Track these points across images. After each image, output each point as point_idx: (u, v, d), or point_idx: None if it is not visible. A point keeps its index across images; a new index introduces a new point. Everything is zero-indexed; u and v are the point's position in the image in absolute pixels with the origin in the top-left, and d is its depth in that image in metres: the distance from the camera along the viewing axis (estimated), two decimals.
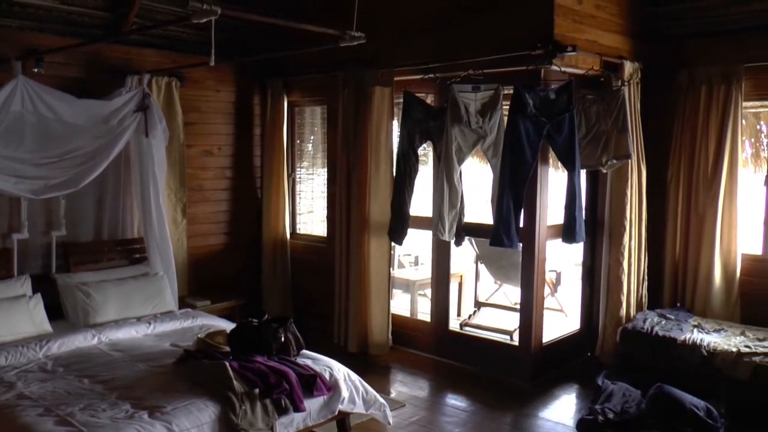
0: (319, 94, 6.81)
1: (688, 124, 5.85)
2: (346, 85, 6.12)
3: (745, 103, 5.73)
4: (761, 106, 5.98)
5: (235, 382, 3.77)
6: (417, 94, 5.74)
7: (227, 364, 3.91)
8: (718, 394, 4.71)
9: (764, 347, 4.87)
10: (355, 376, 4.36)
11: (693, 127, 5.82)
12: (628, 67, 5.49)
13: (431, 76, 5.54)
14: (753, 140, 6.36)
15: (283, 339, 4.35)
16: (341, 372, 4.29)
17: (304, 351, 4.48)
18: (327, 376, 4.18)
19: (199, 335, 4.70)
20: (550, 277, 7.01)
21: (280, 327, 4.39)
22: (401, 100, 5.72)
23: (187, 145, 6.39)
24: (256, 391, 3.78)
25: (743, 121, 5.80)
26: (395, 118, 6.10)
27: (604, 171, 5.60)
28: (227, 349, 4.34)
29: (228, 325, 4.99)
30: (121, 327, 4.99)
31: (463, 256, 7.25)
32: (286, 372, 3.97)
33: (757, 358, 4.73)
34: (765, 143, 6.12)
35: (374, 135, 5.98)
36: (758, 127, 6.28)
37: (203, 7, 3.47)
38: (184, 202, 6.35)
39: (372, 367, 5.89)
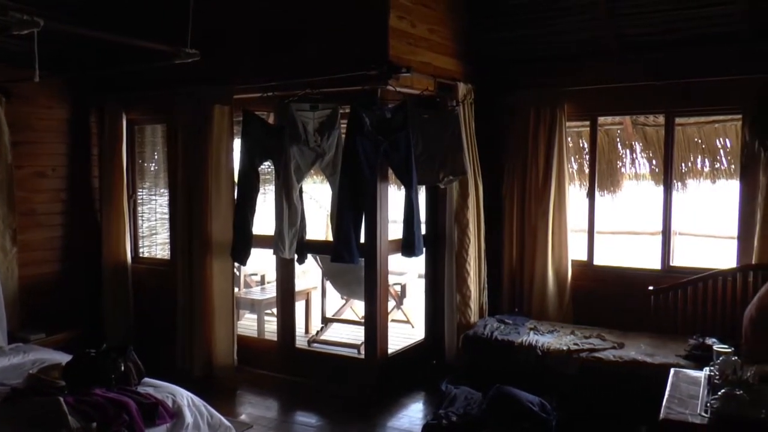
0: (159, 112, 6.62)
1: (519, 142, 6.26)
2: (186, 103, 5.99)
3: (568, 123, 6.22)
4: (582, 126, 6.50)
5: (69, 418, 3.57)
6: (257, 113, 5.72)
7: (61, 399, 3.70)
8: (552, 389, 5.04)
9: (590, 344, 5.28)
10: (199, 401, 4.25)
11: (524, 146, 6.24)
12: (462, 88, 5.76)
13: (270, 94, 5.53)
14: (577, 157, 6.89)
15: (123, 368, 4.18)
16: (185, 398, 4.18)
17: (146, 379, 4.32)
18: (170, 403, 4.05)
19: (31, 371, 4.39)
20: (395, 289, 7.19)
21: (119, 356, 4.22)
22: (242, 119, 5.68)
23: (16, 166, 5.97)
24: (94, 425, 3.61)
25: (568, 139, 6.27)
26: (236, 137, 6.03)
27: (442, 187, 5.84)
28: (62, 383, 4.10)
29: (64, 358, 4.69)
30: None
31: (311, 273, 7.29)
32: (125, 402, 3.82)
33: (584, 354, 5.14)
34: (587, 159, 6.63)
35: (215, 154, 5.88)
36: (581, 144, 6.81)
37: (23, 18, 3.26)
38: (13, 228, 5.92)
39: (218, 390, 5.76)
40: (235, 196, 5.76)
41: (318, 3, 5.43)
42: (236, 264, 6.16)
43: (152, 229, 7.07)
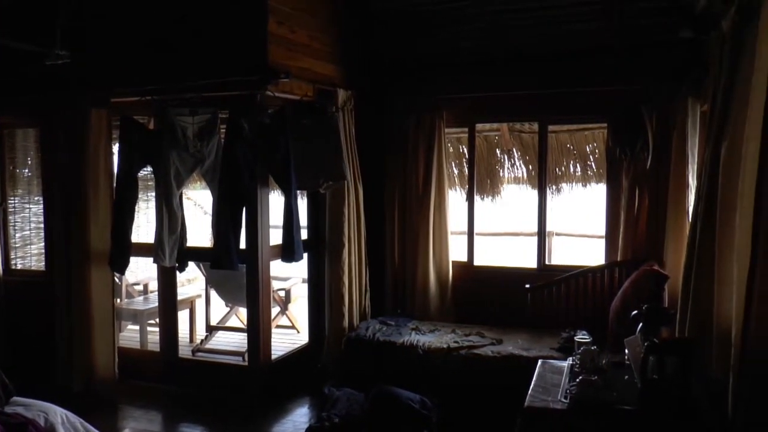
0: (33, 115, 6.32)
1: (400, 147, 6.43)
2: (61, 106, 5.77)
3: (448, 129, 6.43)
4: (461, 132, 6.73)
5: None
6: (136, 118, 5.60)
7: None
8: (434, 387, 5.16)
9: (470, 341, 5.47)
10: (74, 418, 4.09)
11: (404, 151, 6.41)
12: (342, 94, 5.84)
13: (149, 98, 5.42)
14: (458, 162, 7.13)
15: None
16: (58, 415, 4.00)
17: (16, 398, 4.10)
18: (41, 421, 3.86)
19: None
20: (279, 294, 7.18)
21: None
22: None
23: None
24: None
25: (448, 145, 6.48)
26: (115, 142, 5.87)
27: (322, 192, 5.89)
28: None
29: None
30: None
31: (198, 280, 7.16)
32: None
33: (463, 352, 5.33)
34: (467, 164, 6.87)
35: (93, 159, 5.68)
36: (461, 150, 7.05)
37: None
38: None
39: (99, 404, 5.57)
40: (113, 204, 5.60)
41: (197, 7, 5.35)
42: (116, 274, 5.97)
43: (26, 240, 6.74)
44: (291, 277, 7.68)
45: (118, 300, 7.13)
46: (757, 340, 2.69)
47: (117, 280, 6.67)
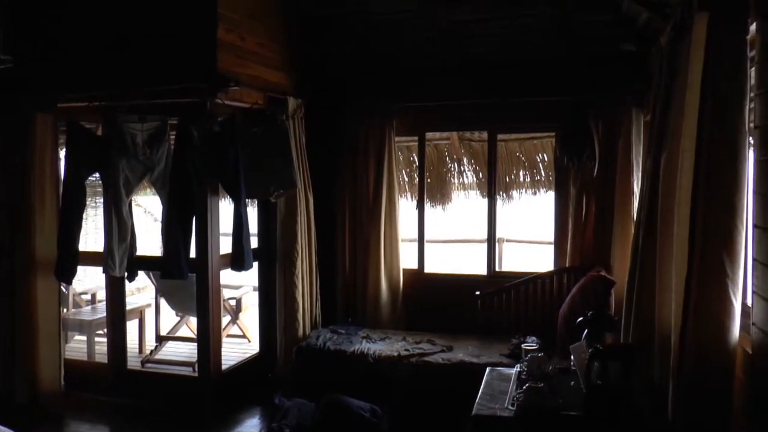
0: None
1: (350, 156, 6.44)
2: (4, 110, 5.62)
3: (398, 138, 6.47)
4: (412, 141, 6.78)
5: None
6: (84, 124, 5.50)
7: None
8: (385, 395, 5.18)
9: (420, 349, 5.50)
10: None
11: (355, 159, 6.44)
12: (292, 102, 5.83)
13: (97, 104, 5.34)
14: (408, 170, 7.18)
15: None
16: None
17: None
18: None
19: None
20: (230, 304, 7.12)
21: None
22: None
23: None
24: None
25: (399, 154, 6.51)
26: (62, 148, 5.75)
27: (272, 200, 5.87)
28: None
29: None
30: None
31: (149, 289, 7.05)
32: None
33: (414, 360, 5.35)
34: (417, 173, 6.92)
35: (38, 166, 5.56)
36: (412, 158, 7.11)
37: None
38: None
39: (44, 417, 5.43)
40: (59, 212, 5.49)
41: (147, 12, 5.27)
42: (63, 283, 5.84)
43: None
44: (242, 285, 7.63)
45: (65, 310, 6.97)
46: (694, 346, 2.78)
47: (64, 289, 6.51)
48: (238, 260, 5.38)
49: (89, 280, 7.92)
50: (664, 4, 4.09)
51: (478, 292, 6.11)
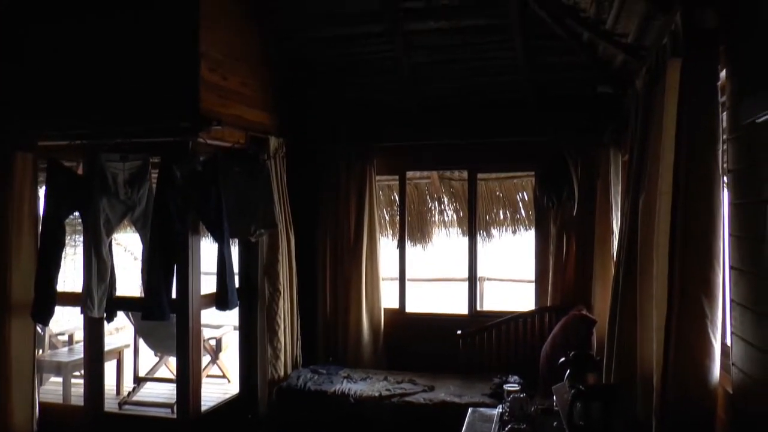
0: None
1: (331, 195, 6.49)
2: None
3: (379, 177, 6.52)
4: (392, 180, 6.83)
5: None
6: (65, 162, 5.47)
7: None
8: None
9: (402, 389, 5.49)
10: None
11: (336, 198, 6.47)
12: (273, 142, 5.86)
13: (78, 142, 5.31)
14: (389, 208, 7.21)
15: None
16: None
17: None
18: None
19: None
20: (210, 344, 7.04)
21: None
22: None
23: None
24: None
25: (380, 193, 6.55)
26: (42, 185, 5.71)
27: (253, 240, 5.85)
28: None
29: None
30: None
31: (127, 329, 6.95)
32: None
33: (395, 399, 5.33)
34: (398, 211, 6.96)
35: (16, 205, 5.49)
36: (392, 197, 7.14)
37: None
38: None
39: None
40: (38, 252, 5.42)
41: (130, 51, 5.28)
42: (39, 324, 5.75)
43: None
44: (222, 325, 7.55)
45: (41, 351, 6.85)
46: (675, 386, 2.79)
47: (40, 330, 6.41)
48: (222, 300, 5.34)
49: (66, 320, 7.79)
50: (640, 47, 4.20)
51: (459, 332, 6.11)
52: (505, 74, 6.06)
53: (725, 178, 2.75)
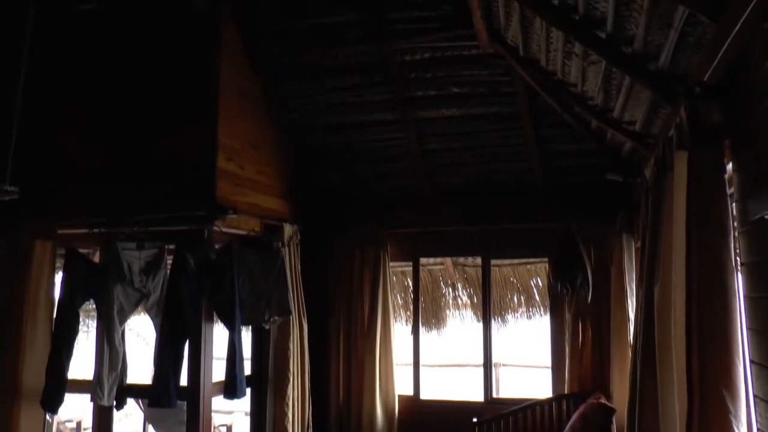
0: None
1: (345, 281, 6.49)
2: (2, 236, 5.67)
3: (392, 263, 6.53)
4: (406, 266, 6.84)
5: None
6: (81, 250, 5.53)
7: None
8: None
9: None
10: None
11: (349, 284, 6.46)
12: (288, 229, 5.92)
13: (96, 231, 5.38)
14: (403, 294, 7.20)
15: None
16: None
17: None
18: None
19: None
20: (221, 430, 6.92)
21: None
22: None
23: None
24: None
25: (393, 278, 6.56)
26: (58, 272, 5.74)
27: (267, 327, 5.83)
28: None
29: None
30: None
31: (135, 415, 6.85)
32: None
33: None
34: (412, 297, 6.94)
35: (33, 292, 5.53)
36: (406, 283, 7.14)
37: None
38: None
39: None
40: (51, 338, 5.42)
41: (148, 140, 5.42)
42: (48, 412, 5.67)
43: None
44: (234, 411, 7.44)
45: None
46: None
47: (48, 417, 6.32)
48: (230, 389, 5.27)
49: (75, 407, 7.70)
50: (647, 135, 4.26)
51: (475, 419, 5.95)
52: (516, 161, 6.14)
53: (739, 272, 2.73)
